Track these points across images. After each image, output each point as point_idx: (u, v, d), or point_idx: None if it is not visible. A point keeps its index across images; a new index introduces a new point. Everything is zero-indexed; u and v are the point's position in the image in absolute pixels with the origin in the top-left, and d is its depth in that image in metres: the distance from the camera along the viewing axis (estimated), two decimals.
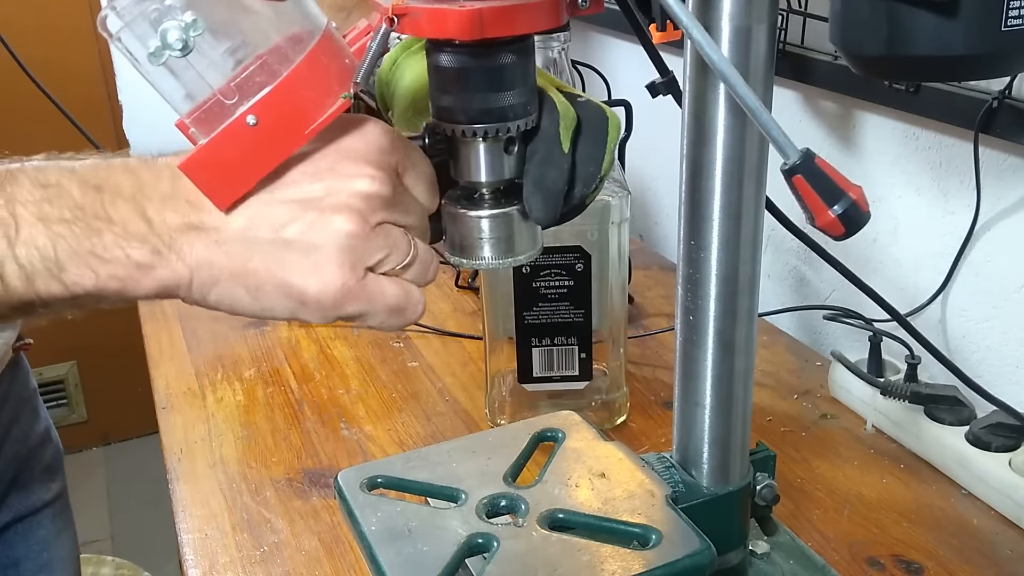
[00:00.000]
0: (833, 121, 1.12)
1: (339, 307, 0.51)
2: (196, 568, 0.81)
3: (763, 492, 0.68)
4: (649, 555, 0.58)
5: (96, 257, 0.50)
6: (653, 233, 1.54)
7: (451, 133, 0.54)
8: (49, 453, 1.09)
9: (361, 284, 0.51)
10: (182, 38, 0.47)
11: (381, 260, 0.52)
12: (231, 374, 1.11)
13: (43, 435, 1.09)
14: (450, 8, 0.49)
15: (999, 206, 0.94)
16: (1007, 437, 0.84)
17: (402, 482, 0.66)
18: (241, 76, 0.49)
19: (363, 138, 0.52)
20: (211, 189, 0.50)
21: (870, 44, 0.52)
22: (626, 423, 0.98)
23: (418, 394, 1.06)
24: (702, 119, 0.57)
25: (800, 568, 0.73)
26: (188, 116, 0.50)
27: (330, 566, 0.80)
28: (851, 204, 0.46)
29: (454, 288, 1.30)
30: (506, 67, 0.53)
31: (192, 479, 0.93)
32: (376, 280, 0.52)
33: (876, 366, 0.96)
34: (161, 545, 1.65)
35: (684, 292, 0.63)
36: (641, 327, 1.18)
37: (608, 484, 0.64)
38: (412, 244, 0.53)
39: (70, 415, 2.79)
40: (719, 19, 0.54)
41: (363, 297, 0.52)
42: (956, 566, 0.78)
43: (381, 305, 0.52)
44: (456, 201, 0.57)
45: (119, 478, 2.73)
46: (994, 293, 0.96)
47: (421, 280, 0.54)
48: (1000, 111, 0.88)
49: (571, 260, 0.90)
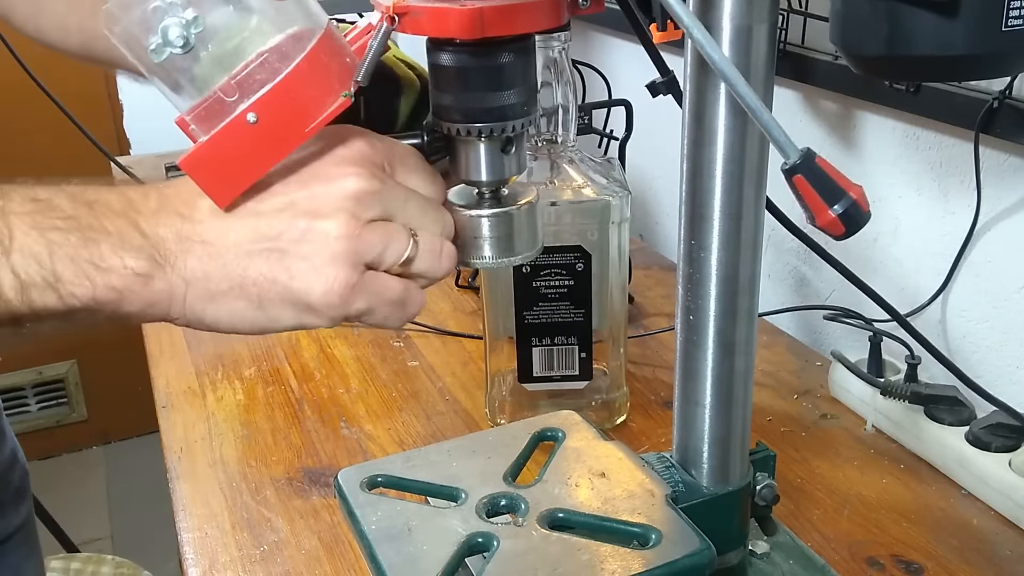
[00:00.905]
0: (833, 121, 1.12)
1: (345, 305, 0.51)
2: (196, 567, 0.81)
3: (763, 492, 0.68)
4: (649, 555, 0.58)
5: (93, 266, 0.49)
6: (653, 233, 1.54)
7: (450, 132, 0.54)
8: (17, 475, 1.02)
9: (362, 280, 0.51)
10: (183, 35, 0.47)
11: (379, 255, 0.52)
12: (231, 373, 1.11)
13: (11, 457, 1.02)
14: (451, 7, 0.49)
15: (999, 206, 0.94)
16: (1007, 437, 0.84)
17: (402, 481, 0.66)
18: (242, 74, 0.49)
19: (344, 143, 0.52)
20: (211, 186, 0.50)
21: (870, 44, 0.52)
22: (626, 423, 0.98)
23: (418, 393, 1.06)
24: (702, 119, 0.57)
25: (800, 568, 0.73)
26: (188, 113, 0.50)
27: (330, 565, 0.80)
28: (851, 204, 0.46)
29: (454, 287, 1.30)
30: (506, 67, 0.53)
31: (192, 478, 0.93)
32: (375, 276, 0.52)
33: (876, 366, 0.96)
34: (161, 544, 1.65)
35: (684, 292, 0.63)
36: (641, 327, 1.18)
37: (608, 484, 0.64)
38: (411, 237, 0.52)
39: (70, 414, 2.79)
40: (720, 19, 0.54)
41: (366, 292, 0.51)
42: (956, 566, 0.78)
43: (384, 299, 0.52)
44: (456, 200, 0.57)
45: (119, 477, 2.73)
46: (994, 293, 0.96)
47: (434, 271, 0.54)
48: (1000, 111, 0.88)
49: (571, 260, 0.90)
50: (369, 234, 0.51)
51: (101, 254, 0.49)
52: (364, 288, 0.51)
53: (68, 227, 0.49)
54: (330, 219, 0.50)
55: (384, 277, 0.52)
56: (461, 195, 0.58)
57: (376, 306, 0.52)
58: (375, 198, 0.51)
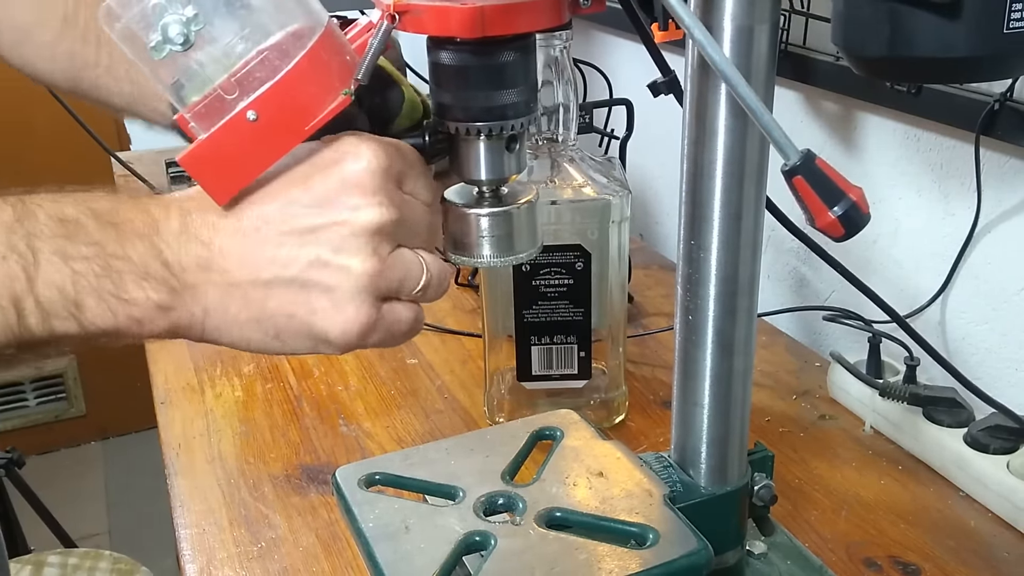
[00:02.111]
0: (834, 122, 1.12)
1: (362, 341, 0.52)
2: (193, 563, 0.81)
3: (761, 492, 0.68)
4: (646, 554, 0.58)
5: (116, 298, 0.49)
6: (653, 232, 1.54)
7: (452, 131, 0.54)
8: None
9: (380, 316, 0.52)
10: (183, 32, 0.47)
11: (397, 289, 0.52)
12: (230, 370, 1.11)
13: None
14: (452, 6, 0.49)
15: (1000, 208, 0.94)
16: (1005, 439, 0.84)
17: (400, 479, 0.66)
18: (242, 71, 0.49)
19: (360, 162, 0.50)
20: (210, 184, 0.50)
21: (872, 45, 0.52)
22: (625, 422, 0.98)
23: (417, 391, 1.06)
24: (703, 119, 0.57)
25: (797, 569, 0.73)
26: (188, 111, 0.50)
27: (327, 563, 0.80)
28: (851, 205, 0.46)
29: (454, 286, 1.29)
30: (507, 65, 0.53)
31: (190, 474, 0.93)
32: (392, 309, 0.52)
33: (875, 367, 0.96)
34: (159, 540, 1.65)
35: (684, 292, 0.63)
36: (640, 326, 1.18)
37: (606, 483, 0.64)
38: (424, 267, 0.53)
39: (69, 409, 2.79)
40: (721, 19, 0.54)
41: (382, 328, 0.52)
42: (953, 568, 0.78)
43: (397, 331, 0.53)
44: (456, 198, 0.57)
45: (117, 473, 2.74)
46: (994, 295, 0.96)
47: (438, 296, 0.55)
48: (1001, 113, 0.88)
49: (571, 259, 0.90)
50: (390, 271, 0.51)
51: (124, 286, 0.49)
52: (380, 325, 0.52)
53: (93, 254, 0.49)
54: (353, 256, 0.50)
55: (398, 307, 0.53)
56: (461, 194, 0.58)
57: (389, 337, 0.53)
58: (395, 227, 0.51)
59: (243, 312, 0.51)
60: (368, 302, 0.51)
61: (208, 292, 0.51)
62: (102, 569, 1.51)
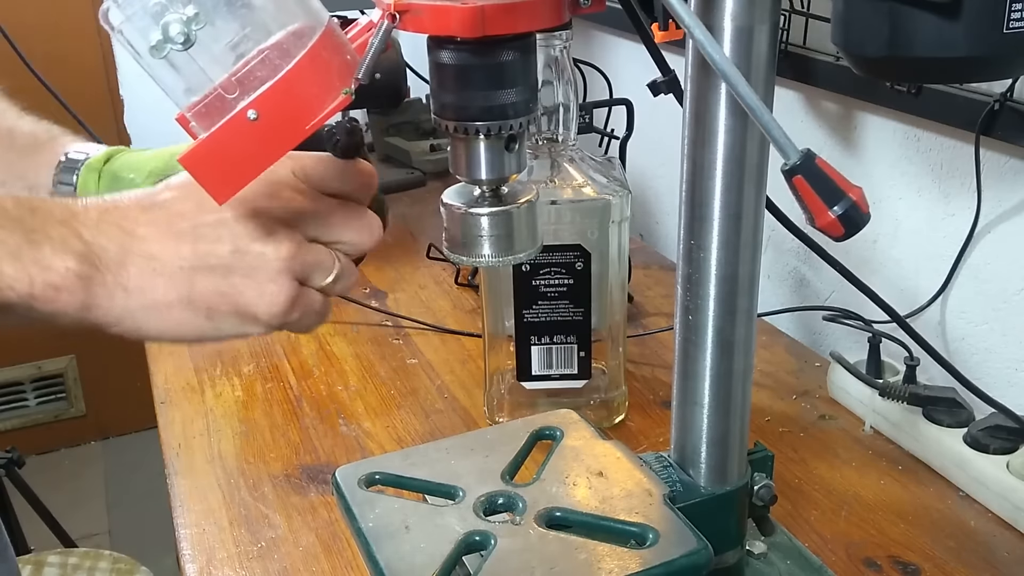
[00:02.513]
0: (834, 122, 1.12)
1: (286, 317, 0.55)
2: (193, 563, 0.81)
3: (761, 492, 0.68)
4: (646, 554, 0.58)
5: (36, 264, 0.49)
6: (653, 232, 1.54)
7: (452, 130, 0.54)
8: None
9: (299, 293, 0.55)
10: (184, 32, 0.47)
11: (309, 276, 0.55)
12: (230, 369, 1.11)
13: None
14: (452, 5, 0.49)
15: (1000, 208, 0.94)
16: (1005, 439, 0.84)
17: (400, 479, 0.66)
18: (242, 71, 0.49)
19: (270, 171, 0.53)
20: (210, 183, 0.50)
21: (872, 45, 0.52)
22: (624, 422, 0.98)
23: (417, 391, 1.06)
24: (703, 119, 0.57)
25: (797, 568, 0.73)
26: (189, 110, 0.50)
27: (327, 562, 0.80)
28: (851, 205, 0.46)
29: (453, 285, 1.30)
30: (507, 65, 0.53)
31: (190, 474, 0.93)
32: (307, 291, 0.56)
33: (875, 367, 0.96)
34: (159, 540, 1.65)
35: (684, 292, 0.63)
36: (640, 326, 1.18)
37: (606, 483, 0.64)
38: (335, 259, 0.56)
39: (69, 409, 2.79)
40: (721, 19, 0.54)
41: (300, 305, 0.55)
42: (953, 568, 0.78)
43: (313, 310, 0.56)
44: (456, 198, 0.57)
45: (117, 472, 2.73)
46: (994, 295, 0.96)
47: (347, 291, 0.58)
48: (1001, 113, 0.88)
49: (571, 258, 0.90)
50: (304, 255, 0.54)
51: (43, 255, 0.50)
52: (299, 301, 0.55)
53: (12, 227, 0.50)
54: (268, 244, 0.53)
55: (312, 292, 0.56)
56: (461, 193, 0.58)
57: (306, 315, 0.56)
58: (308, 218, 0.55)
59: (171, 293, 0.52)
60: (288, 280, 0.54)
61: (131, 272, 0.52)
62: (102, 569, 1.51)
